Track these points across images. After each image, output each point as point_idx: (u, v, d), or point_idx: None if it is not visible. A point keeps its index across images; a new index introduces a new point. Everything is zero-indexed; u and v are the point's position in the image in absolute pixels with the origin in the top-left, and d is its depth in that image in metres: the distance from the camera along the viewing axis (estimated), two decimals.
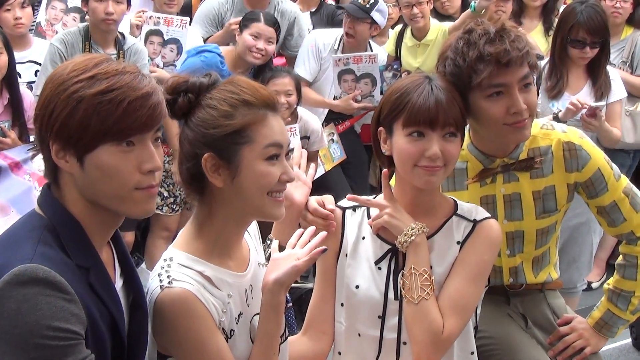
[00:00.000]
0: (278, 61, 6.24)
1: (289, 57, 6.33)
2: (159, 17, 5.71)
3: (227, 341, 2.51)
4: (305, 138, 5.65)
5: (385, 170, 2.95)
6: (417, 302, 2.80)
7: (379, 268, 2.90)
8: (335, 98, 5.84)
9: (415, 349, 2.85)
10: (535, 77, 3.12)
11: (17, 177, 4.79)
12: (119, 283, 2.39)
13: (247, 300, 2.58)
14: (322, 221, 2.94)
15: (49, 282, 2.06)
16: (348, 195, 3.00)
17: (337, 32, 5.97)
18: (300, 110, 5.74)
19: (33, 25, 6.08)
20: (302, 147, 5.42)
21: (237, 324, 2.54)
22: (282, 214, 2.53)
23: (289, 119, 5.54)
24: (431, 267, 2.87)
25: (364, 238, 2.96)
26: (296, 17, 6.18)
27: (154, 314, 2.45)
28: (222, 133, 2.38)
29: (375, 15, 5.77)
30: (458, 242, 2.87)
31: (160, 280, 2.45)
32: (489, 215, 2.92)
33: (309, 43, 5.95)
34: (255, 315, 2.62)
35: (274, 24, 5.59)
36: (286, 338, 2.69)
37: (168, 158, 5.36)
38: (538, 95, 3.49)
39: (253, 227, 2.73)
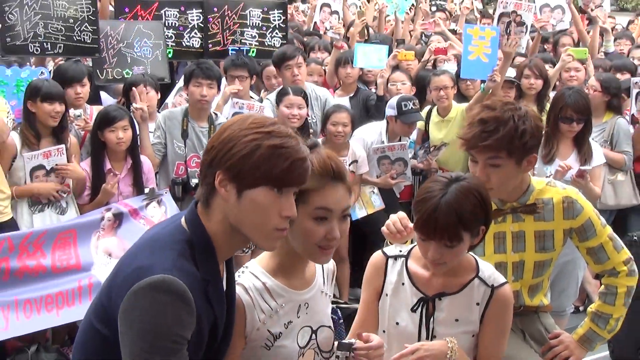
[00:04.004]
0: None
1: None
2: (243, 103, 5.59)
3: (273, 340, 2.44)
4: (354, 162, 5.69)
5: None
6: None
7: (414, 312, 2.84)
8: (378, 176, 5.88)
9: None
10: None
11: (135, 222, 4.81)
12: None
13: (298, 313, 2.49)
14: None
15: (180, 296, 2.01)
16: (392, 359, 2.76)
17: (379, 126, 6.00)
18: (351, 141, 5.78)
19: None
20: (352, 170, 5.58)
21: (285, 328, 2.46)
22: (325, 262, 2.46)
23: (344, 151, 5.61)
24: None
25: (403, 284, 2.87)
26: (327, 98, 6.15)
27: None
28: None
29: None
30: (477, 304, 2.79)
31: None
32: (504, 280, 2.84)
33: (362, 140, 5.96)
34: (304, 326, 2.53)
35: (301, 92, 5.53)
36: (333, 352, 2.62)
37: None
38: None
39: (330, 264, 2.65)
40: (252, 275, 2.48)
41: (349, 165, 5.61)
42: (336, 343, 2.67)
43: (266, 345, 2.45)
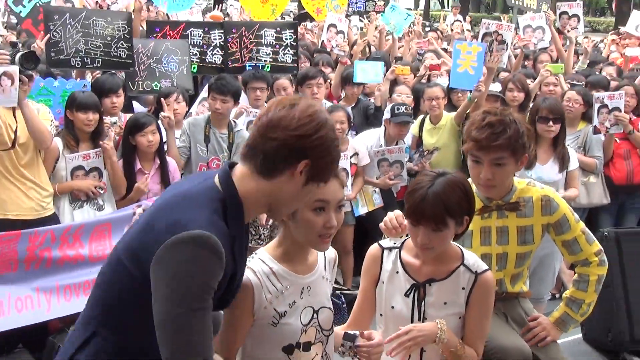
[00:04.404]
0: None
1: None
2: (256, 111, 5.50)
3: (279, 318, 2.45)
4: (355, 154, 5.69)
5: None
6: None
7: (407, 296, 2.85)
8: (377, 178, 5.86)
9: None
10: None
11: None
12: None
13: (301, 294, 2.50)
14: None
15: (215, 251, 1.99)
16: (387, 340, 2.76)
17: (378, 132, 6.00)
18: (350, 137, 5.82)
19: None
20: (354, 162, 5.61)
21: (290, 308, 2.47)
22: (325, 249, 2.48)
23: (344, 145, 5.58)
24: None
25: (397, 272, 2.88)
26: None
27: None
28: None
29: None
30: (463, 288, 2.80)
31: None
32: (487, 267, 2.85)
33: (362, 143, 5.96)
34: (307, 307, 2.54)
35: None
36: (332, 331, 2.63)
37: None
38: None
39: (331, 253, 2.65)
40: (261, 261, 2.48)
41: (351, 157, 5.61)
42: (343, 333, 2.67)
43: (272, 322, 2.45)
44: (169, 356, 2.01)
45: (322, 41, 8.40)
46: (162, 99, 5.36)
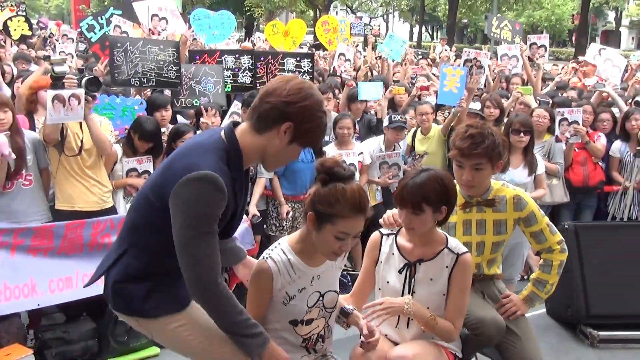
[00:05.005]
0: None
1: None
2: None
3: (289, 300, 2.49)
4: (361, 154, 5.67)
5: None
6: (436, 329, 2.78)
7: (400, 273, 2.87)
8: (379, 177, 5.83)
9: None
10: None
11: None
12: None
13: (311, 282, 2.52)
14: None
15: (219, 187, 2.09)
16: (364, 306, 2.82)
17: (378, 139, 5.95)
18: (356, 142, 5.83)
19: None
20: (360, 160, 5.56)
21: (299, 292, 2.50)
22: (333, 260, 2.52)
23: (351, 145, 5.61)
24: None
25: (393, 254, 2.91)
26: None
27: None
28: (324, 210, 2.35)
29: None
30: (447, 267, 2.80)
31: (265, 253, 2.51)
32: (466, 250, 2.85)
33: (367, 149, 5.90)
34: (314, 292, 2.55)
35: None
36: (335, 308, 2.66)
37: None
38: None
39: None
40: (282, 251, 2.51)
41: (358, 155, 5.58)
42: (340, 308, 2.71)
43: (283, 302, 2.50)
44: (188, 274, 2.15)
45: (334, 67, 8.41)
46: (203, 109, 5.35)
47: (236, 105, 5.61)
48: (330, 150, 5.53)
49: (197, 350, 2.35)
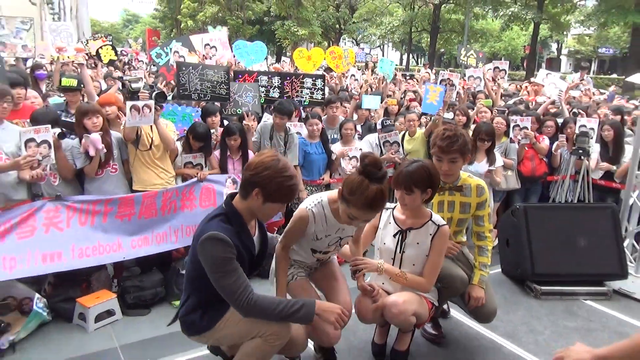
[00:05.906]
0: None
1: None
2: (294, 123, 5.38)
3: (315, 238, 2.54)
4: (361, 149, 5.52)
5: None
6: (407, 282, 2.75)
7: (395, 237, 2.87)
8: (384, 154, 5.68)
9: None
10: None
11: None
12: (256, 234, 2.48)
13: (336, 232, 2.61)
14: None
15: (224, 242, 2.20)
16: (354, 258, 2.76)
17: (375, 135, 5.82)
18: (357, 140, 5.69)
19: None
20: (361, 148, 5.32)
21: (325, 237, 2.59)
22: (350, 225, 2.56)
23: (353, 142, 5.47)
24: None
25: (390, 223, 2.91)
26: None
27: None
28: (344, 193, 2.36)
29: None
30: (430, 234, 2.81)
31: (309, 203, 2.51)
32: (445, 223, 2.83)
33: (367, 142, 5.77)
34: (336, 238, 2.63)
35: (316, 116, 5.33)
36: (347, 242, 2.72)
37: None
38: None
39: None
40: (321, 206, 2.54)
41: (359, 150, 5.44)
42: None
43: (312, 238, 2.62)
44: (229, 301, 2.26)
45: (346, 85, 8.36)
46: (245, 114, 5.32)
47: (267, 116, 5.58)
48: (337, 147, 5.46)
49: (243, 332, 2.41)
